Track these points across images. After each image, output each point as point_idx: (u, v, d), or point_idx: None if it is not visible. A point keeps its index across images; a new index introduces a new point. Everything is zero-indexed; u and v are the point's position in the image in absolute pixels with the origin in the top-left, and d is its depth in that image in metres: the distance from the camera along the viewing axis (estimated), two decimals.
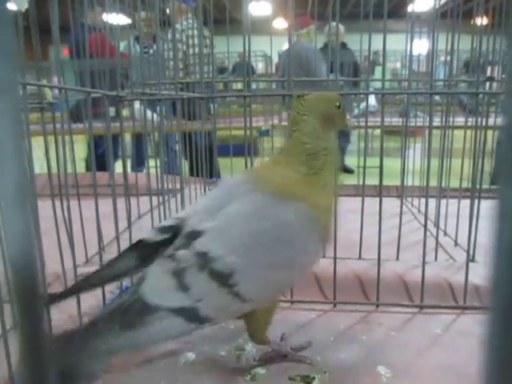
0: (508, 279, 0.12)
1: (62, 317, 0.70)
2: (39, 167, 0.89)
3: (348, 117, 0.61)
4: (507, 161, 0.12)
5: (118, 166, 1.14)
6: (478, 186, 0.85)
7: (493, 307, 0.13)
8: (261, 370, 0.60)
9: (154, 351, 0.65)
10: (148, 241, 0.54)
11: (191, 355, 0.64)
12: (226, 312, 0.52)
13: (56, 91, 0.88)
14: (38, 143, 0.83)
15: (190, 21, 2.21)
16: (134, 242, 0.56)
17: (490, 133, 1.08)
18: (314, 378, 0.58)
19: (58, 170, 0.72)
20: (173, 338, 0.55)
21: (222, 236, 0.51)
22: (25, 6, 0.57)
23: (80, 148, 2.10)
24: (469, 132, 1.09)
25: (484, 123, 0.85)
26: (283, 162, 0.56)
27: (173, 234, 0.53)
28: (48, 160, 0.71)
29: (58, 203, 0.74)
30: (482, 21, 0.93)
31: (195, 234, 0.51)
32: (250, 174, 0.60)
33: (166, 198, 0.93)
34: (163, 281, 0.49)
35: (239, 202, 0.53)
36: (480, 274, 0.81)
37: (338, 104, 0.58)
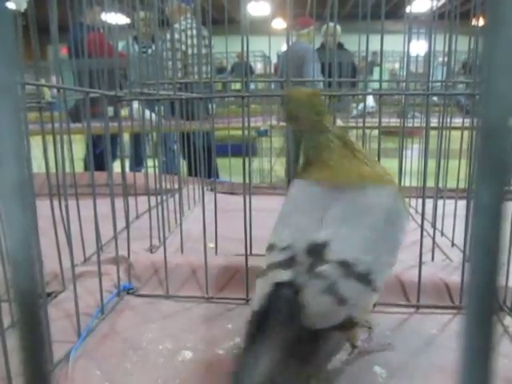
0: (482, 271, 0.13)
1: (60, 315, 0.70)
2: (37, 166, 0.89)
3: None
4: (482, 163, 0.12)
5: (116, 166, 1.14)
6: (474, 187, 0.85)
7: (469, 298, 0.13)
8: None
9: (151, 349, 0.65)
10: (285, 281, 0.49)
11: (188, 354, 0.64)
12: (367, 309, 0.53)
13: (55, 91, 0.88)
14: (36, 142, 0.83)
15: (190, 21, 2.21)
16: (266, 290, 0.50)
17: None
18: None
19: (57, 169, 0.72)
20: (335, 355, 0.53)
21: (347, 240, 0.50)
22: (24, 6, 0.57)
23: (78, 148, 2.10)
24: (466, 133, 1.09)
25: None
26: (329, 160, 0.57)
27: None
28: (46, 159, 0.71)
29: (56, 203, 0.74)
30: (479, 22, 0.93)
31: (319, 247, 0.49)
32: (314, 177, 0.58)
33: (164, 197, 0.93)
34: (322, 303, 0.47)
35: (338, 204, 0.52)
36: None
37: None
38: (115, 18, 1.02)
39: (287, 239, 0.51)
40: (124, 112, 1.68)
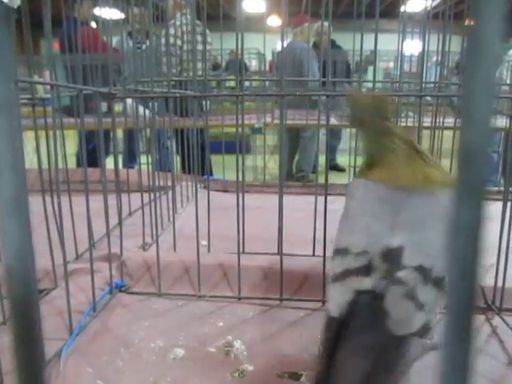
0: (460, 283, 0.13)
1: (52, 312, 0.70)
2: (29, 162, 0.88)
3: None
4: (461, 184, 0.13)
5: (109, 162, 1.14)
6: None
7: (449, 307, 0.14)
8: (249, 367, 0.61)
9: (142, 347, 0.65)
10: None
11: (180, 351, 0.64)
12: (436, 314, 0.52)
13: (48, 86, 0.87)
14: (28, 138, 0.83)
15: (189, 16, 2.20)
16: (347, 297, 0.49)
17: None
18: (301, 374, 0.59)
19: (49, 165, 0.72)
20: (414, 363, 0.53)
21: (421, 245, 0.50)
22: (17, 2, 0.57)
23: (71, 143, 2.09)
24: (458, 133, 1.10)
25: None
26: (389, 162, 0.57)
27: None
28: (39, 155, 0.71)
29: (48, 199, 0.74)
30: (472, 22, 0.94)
31: (394, 253, 0.49)
32: (380, 177, 0.57)
33: (158, 195, 0.93)
34: (403, 308, 0.47)
35: (409, 208, 0.52)
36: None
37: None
38: (109, 13, 1.02)
39: (361, 244, 0.51)
40: (118, 108, 1.68)
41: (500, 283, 0.74)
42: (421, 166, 0.56)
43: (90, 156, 0.83)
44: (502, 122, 2.52)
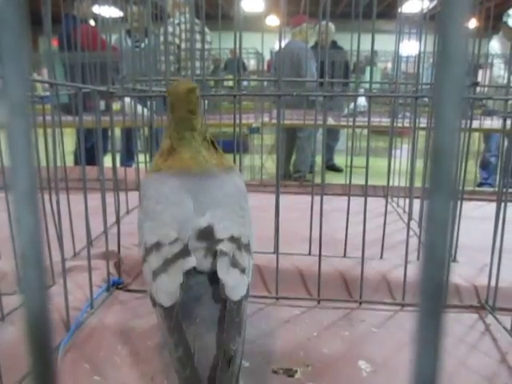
0: (434, 278, 0.14)
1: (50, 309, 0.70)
2: None
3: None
4: (434, 175, 0.14)
5: (107, 160, 1.14)
6: (460, 188, 0.87)
7: (421, 292, 0.14)
8: (245, 363, 0.61)
9: (140, 344, 0.66)
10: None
11: None
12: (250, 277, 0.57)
13: (46, 84, 0.88)
14: None
15: (188, 15, 2.21)
16: (179, 280, 0.51)
17: (473, 135, 1.10)
18: (296, 371, 0.60)
19: (48, 163, 0.73)
20: None
21: (225, 219, 0.55)
22: None
23: (68, 141, 2.09)
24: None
25: (468, 125, 0.87)
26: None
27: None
28: (37, 153, 0.71)
29: (46, 197, 0.74)
30: (469, 24, 0.94)
31: (206, 231, 0.53)
32: (173, 169, 0.60)
33: None
34: (233, 275, 0.51)
35: (204, 190, 0.57)
36: (461, 273, 0.84)
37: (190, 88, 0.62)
38: (108, 11, 1.02)
39: (172, 234, 0.53)
40: (116, 106, 1.68)
41: (493, 282, 0.75)
42: (210, 155, 0.61)
43: (88, 154, 0.84)
44: (497, 123, 2.52)
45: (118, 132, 2.43)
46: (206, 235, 0.53)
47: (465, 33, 0.13)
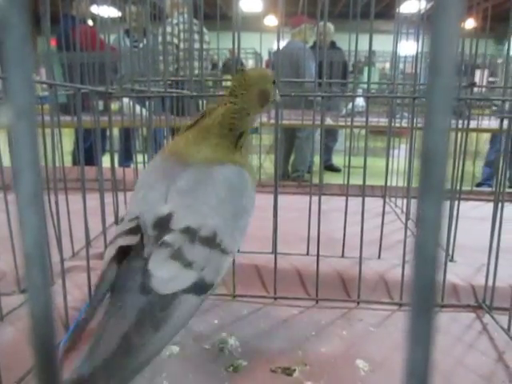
0: (425, 279, 0.15)
1: None
2: None
3: (277, 91, 0.67)
4: (424, 176, 0.14)
5: (105, 161, 1.14)
6: (458, 188, 0.87)
7: (413, 292, 0.15)
8: (243, 363, 0.62)
9: None
10: (126, 246, 0.52)
11: (175, 348, 0.65)
12: (221, 271, 0.55)
13: (45, 84, 0.88)
14: None
15: (186, 15, 2.21)
16: (111, 253, 0.53)
17: (471, 135, 1.11)
18: (294, 370, 0.60)
19: (46, 163, 0.73)
20: (191, 318, 0.54)
21: (189, 208, 0.53)
22: None
23: (67, 141, 2.09)
24: (452, 134, 1.11)
25: (466, 126, 0.87)
26: (203, 135, 0.60)
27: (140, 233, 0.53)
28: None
29: (45, 197, 0.75)
30: (465, 24, 0.95)
31: (164, 219, 0.52)
32: (173, 150, 0.61)
33: None
34: (168, 268, 0.49)
35: (182, 178, 0.55)
36: (458, 273, 0.84)
37: (273, 80, 0.65)
38: (107, 11, 1.02)
39: (135, 212, 0.54)
40: (114, 106, 1.68)
41: (491, 282, 0.76)
42: (223, 149, 0.60)
43: (87, 154, 0.84)
44: (495, 123, 2.53)
45: (116, 132, 2.43)
46: (163, 223, 0.52)
47: (455, 39, 0.13)
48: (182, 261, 0.50)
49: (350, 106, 3.58)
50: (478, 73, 2.56)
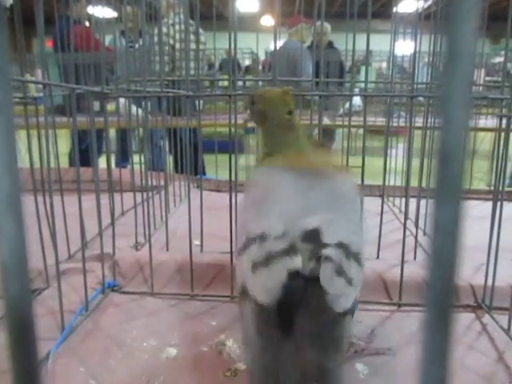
0: (439, 278, 0.14)
1: (44, 312, 0.69)
2: (21, 161, 0.88)
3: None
4: (441, 178, 0.13)
5: (102, 162, 1.13)
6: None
7: (428, 302, 0.14)
8: (242, 366, 0.61)
9: (135, 347, 0.65)
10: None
11: (173, 351, 0.64)
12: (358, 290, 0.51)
13: (40, 85, 0.87)
14: (20, 137, 0.82)
15: (182, 16, 2.20)
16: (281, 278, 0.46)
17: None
18: None
19: (41, 164, 0.72)
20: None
21: (335, 224, 0.50)
22: (9, 1, 0.57)
23: (63, 142, 2.07)
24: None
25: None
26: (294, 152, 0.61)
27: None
28: (31, 154, 0.70)
29: (40, 198, 0.74)
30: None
31: (313, 233, 0.48)
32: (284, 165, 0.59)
33: (150, 194, 0.93)
34: (338, 285, 0.46)
35: (316, 191, 0.53)
36: (457, 273, 0.83)
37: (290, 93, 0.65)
38: (102, 12, 1.01)
39: (279, 227, 0.49)
40: (110, 107, 1.67)
41: (490, 282, 0.75)
42: (320, 155, 0.62)
43: (83, 155, 0.83)
44: (492, 122, 2.53)
45: (112, 133, 2.42)
46: (313, 237, 0.48)
47: (473, 31, 0.12)
48: (345, 277, 0.46)
49: (347, 105, 3.58)
50: (475, 72, 2.56)
